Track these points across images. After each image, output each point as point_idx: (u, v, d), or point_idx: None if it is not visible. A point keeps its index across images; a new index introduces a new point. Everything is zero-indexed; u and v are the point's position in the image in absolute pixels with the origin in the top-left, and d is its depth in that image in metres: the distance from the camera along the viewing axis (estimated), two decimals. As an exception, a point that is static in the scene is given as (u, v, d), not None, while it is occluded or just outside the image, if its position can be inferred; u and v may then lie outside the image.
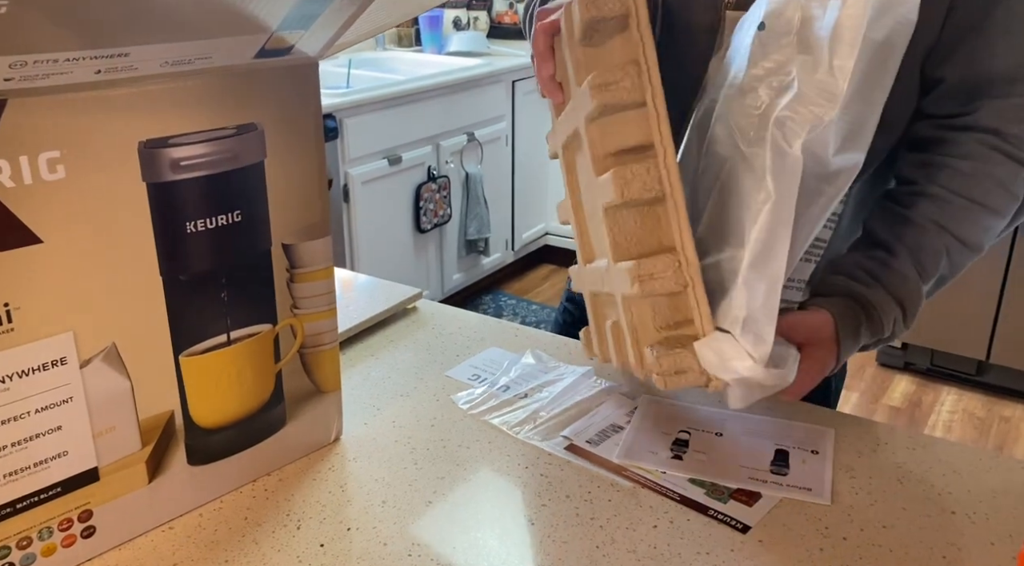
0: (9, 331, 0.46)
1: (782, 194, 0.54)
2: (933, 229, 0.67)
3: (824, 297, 0.66)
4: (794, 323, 0.62)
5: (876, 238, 0.68)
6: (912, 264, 0.66)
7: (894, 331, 0.67)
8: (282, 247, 0.58)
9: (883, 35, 0.56)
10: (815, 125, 0.54)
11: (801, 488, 0.62)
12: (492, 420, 0.70)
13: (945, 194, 0.67)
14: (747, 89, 0.59)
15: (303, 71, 0.56)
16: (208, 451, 0.57)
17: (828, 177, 0.57)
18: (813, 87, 0.55)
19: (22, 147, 0.44)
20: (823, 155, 0.56)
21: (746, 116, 0.59)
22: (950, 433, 2.23)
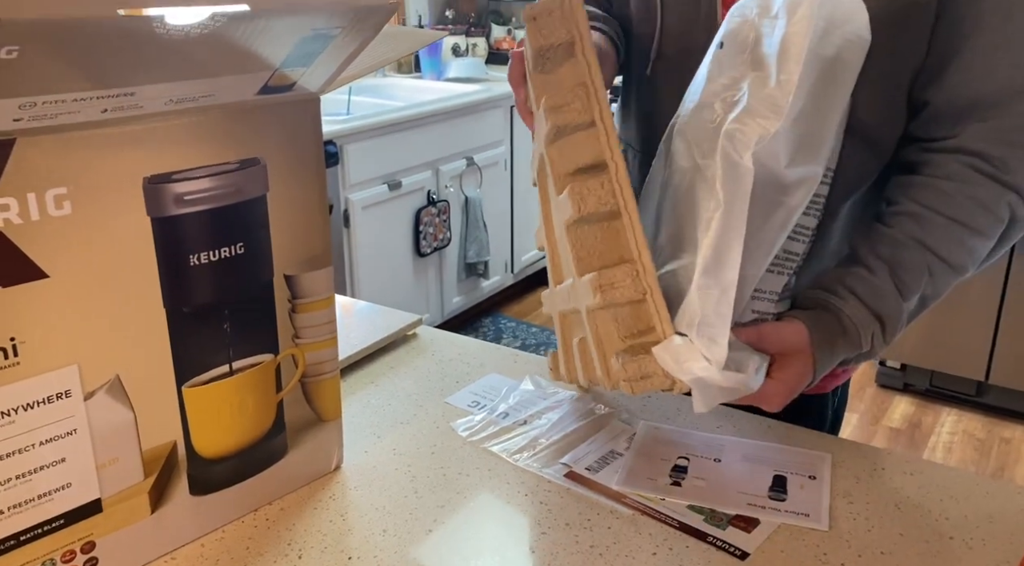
0: (15, 365, 0.47)
1: (731, 202, 0.56)
2: (913, 246, 0.67)
3: (801, 309, 0.67)
4: (765, 332, 0.63)
5: (856, 254, 0.69)
6: (891, 279, 0.67)
7: (874, 346, 0.67)
8: (284, 278, 0.58)
9: (833, 51, 0.58)
10: (762, 137, 0.56)
11: (799, 514, 0.62)
12: (492, 447, 0.70)
13: (925, 212, 0.68)
14: (704, 104, 0.61)
15: (305, 106, 0.57)
16: (210, 481, 0.58)
17: (785, 188, 0.58)
18: (761, 101, 0.57)
19: (30, 184, 0.45)
20: (774, 166, 0.57)
21: (702, 130, 0.60)
22: (950, 455, 2.22)
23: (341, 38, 0.51)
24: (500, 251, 3.02)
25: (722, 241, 0.56)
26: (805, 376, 0.64)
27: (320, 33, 0.50)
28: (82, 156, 0.47)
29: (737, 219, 0.55)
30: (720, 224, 0.56)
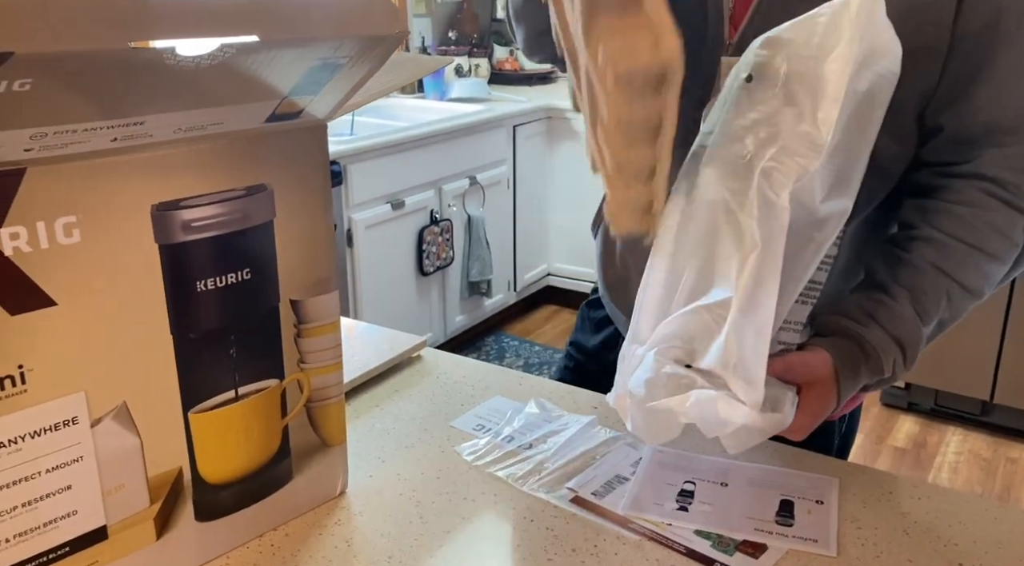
0: (22, 392, 0.47)
1: (768, 243, 0.56)
2: (932, 272, 0.68)
3: (822, 337, 0.67)
4: (792, 363, 0.63)
5: (875, 280, 0.69)
6: (911, 305, 0.67)
7: (895, 372, 0.67)
8: (290, 303, 0.59)
9: (866, 86, 0.58)
10: (801, 175, 0.56)
11: (807, 539, 0.61)
12: (497, 472, 0.70)
13: (944, 238, 0.68)
14: (734, 137, 0.61)
15: (312, 133, 0.57)
16: (215, 507, 0.58)
17: (817, 223, 0.58)
18: (797, 138, 0.57)
19: (39, 213, 0.46)
20: (810, 203, 0.57)
21: (732, 164, 0.60)
22: (956, 475, 2.21)
23: (349, 67, 0.52)
24: (503, 270, 3.03)
25: (758, 282, 0.56)
26: (830, 404, 0.65)
27: (328, 62, 0.51)
28: (91, 184, 0.47)
29: (773, 259, 0.55)
30: (756, 264, 0.56)
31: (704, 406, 0.56)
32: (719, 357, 0.57)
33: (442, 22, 3.51)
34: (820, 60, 0.57)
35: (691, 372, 0.59)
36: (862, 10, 0.56)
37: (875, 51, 0.58)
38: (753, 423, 0.55)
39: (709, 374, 0.58)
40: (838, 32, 0.56)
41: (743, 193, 0.58)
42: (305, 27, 0.47)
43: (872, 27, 0.57)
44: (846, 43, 0.56)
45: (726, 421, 0.55)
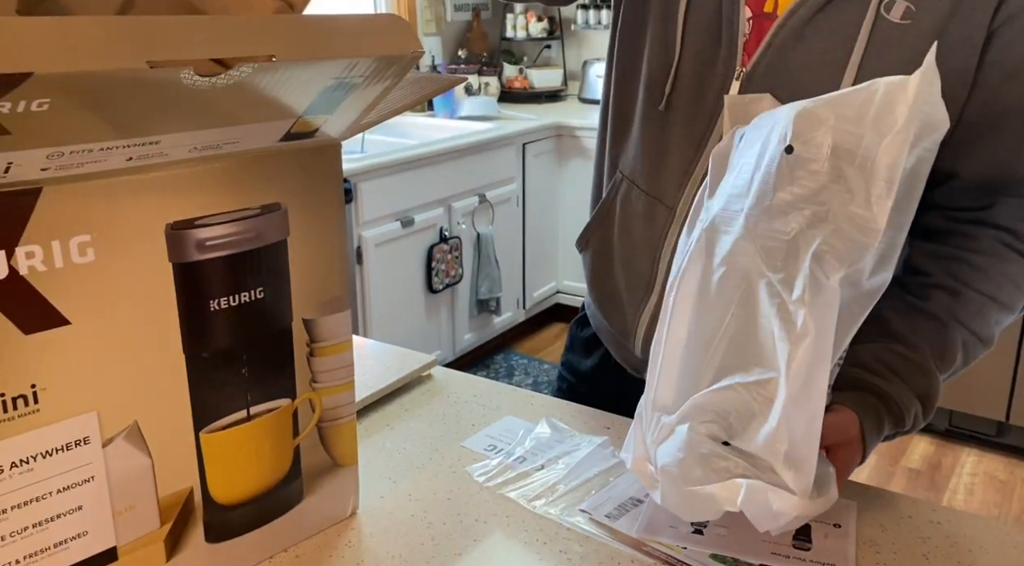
0: (35, 412, 0.47)
1: (821, 329, 0.54)
2: (951, 323, 0.67)
3: (844, 392, 0.66)
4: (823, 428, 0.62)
5: (891, 329, 0.68)
6: (931, 358, 0.66)
7: (914, 424, 0.67)
8: (303, 322, 0.58)
9: (913, 163, 0.56)
10: (855, 260, 0.55)
11: (825, 564, 0.60)
12: (509, 493, 0.69)
13: (961, 289, 0.67)
14: (775, 212, 0.58)
15: (326, 152, 0.57)
16: (226, 528, 0.57)
17: (861, 298, 0.57)
18: (850, 220, 0.55)
19: (55, 232, 0.46)
20: (858, 282, 0.56)
21: (773, 240, 0.58)
22: (972, 496, 2.18)
23: (364, 86, 0.52)
24: (512, 287, 3.03)
25: (811, 369, 0.55)
26: (857, 461, 0.64)
27: (343, 82, 0.51)
28: (106, 204, 0.47)
29: (825, 345, 0.54)
30: (809, 352, 0.54)
31: (755, 498, 0.55)
32: (767, 443, 0.56)
33: (452, 41, 3.54)
34: (872, 139, 0.55)
35: (729, 452, 0.58)
36: (921, 91, 0.54)
37: (926, 128, 0.56)
38: (804, 512, 0.55)
39: (749, 455, 0.57)
40: (893, 113, 0.54)
41: (789, 274, 0.56)
42: (321, 47, 0.47)
43: (928, 106, 0.55)
44: (903, 126, 0.54)
45: (779, 513, 0.54)
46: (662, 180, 0.80)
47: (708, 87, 0.74)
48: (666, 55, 0.77)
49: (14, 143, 0.41)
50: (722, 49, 0.73)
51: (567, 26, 3.68)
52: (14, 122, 0.39)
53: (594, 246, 0.90)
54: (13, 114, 0.38)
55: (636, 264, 0.84)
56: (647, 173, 0.82)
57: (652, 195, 0.81)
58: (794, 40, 0.69)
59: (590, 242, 0.90)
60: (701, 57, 0.75)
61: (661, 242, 0.81)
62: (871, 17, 0.66)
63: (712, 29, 0.74)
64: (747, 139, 0.65)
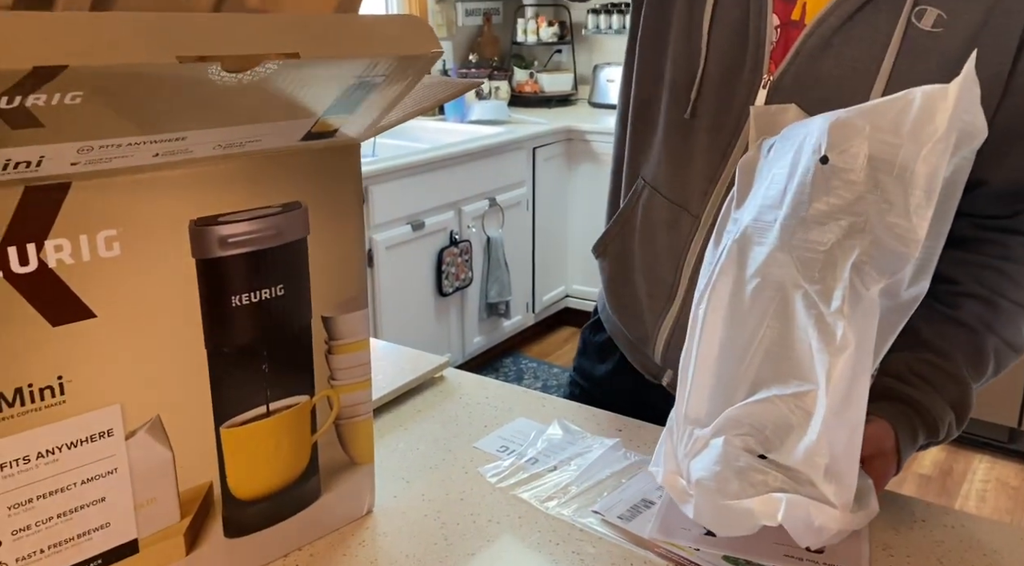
0: (61, 403, 0.47)
1: (861, 342, 0.54)
2: (982, 331, 0.67)
3: (878, 403, 0.65)
4: None
5: (923, 338, 0.68)
6: (963, 367, 0.66)
7: (948, 434, 0.67)
8: (322, 320, 0.59)
9: (950, 172, 0.56)
10: (895, 271, 0.54)
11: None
12: (521, 494, 0.70)
13: (993, 297, 0.67)
14: (811, 223, 0.58)
15: (346, 152, 0.58)
16: (244, 523, 0.58)
17: (899, 309, 0.57)
18: (889, 231, 0.55)
19: (83, 226, 0.47)
20: (897, 293, 0.56)
21: (810, 250, 0.58)
22: (984, 503, 2.17)
23: (384, 86, 0.53)
24: (521, 291, 3.03)
25: (852, 381, 0.54)
26: (892, 473, 0.64)
27: (365, 81, 0.51)
28: (132, 199, 0.48)
29: (865, 357, 0.54)
30: (850, 364, 0.54)
31: (796, 513, 0.54)
32: (807, 456, 0.56)
33: (463, 45, 3.56)
34: (910, 149, 0.55)
35: (766, 465, 0.58)
36: (961, 100, 0.53)
37: (965, 137, 0.56)
38: (846, 526, 0.54)
39: (787, 468, 0.57)
40: (932, 122, 0.54)
41: (826, 285, 0.56)
42: (344, 45, 0.48)
43: (967, 115, 0.55)
44: (943, 135, 0.53)
45: (821, 528, 0.54)
46: (687, 188, 0.79)
47: (734, 95, 0.74)
48: (690, 62, 0.76)
49: (47, 136, 0.41)
50: (748, 57, 0.73)
51: (578, 30, 3.69)
52: (48, 115, 0.40)
53: (613, 252, 0.89)
54: (48, 107, 0.39)
55: (658, 271, 0.83)
56: (671, 181, 0.81)
57: (676, 203, 0.80)
58: (823, 49, 0.69)
59: (608, 248, 0.90)
60: (727, 65, 0.74)
61: (685, 250, 0.80)
62: (902, 25, 0.65)
63: (738, 37, 0.73)
64: (777, 149, 0.64)
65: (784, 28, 0.71)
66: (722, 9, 0.74)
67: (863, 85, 0.67)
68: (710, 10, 0.74)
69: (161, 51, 0.41)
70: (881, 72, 0.66)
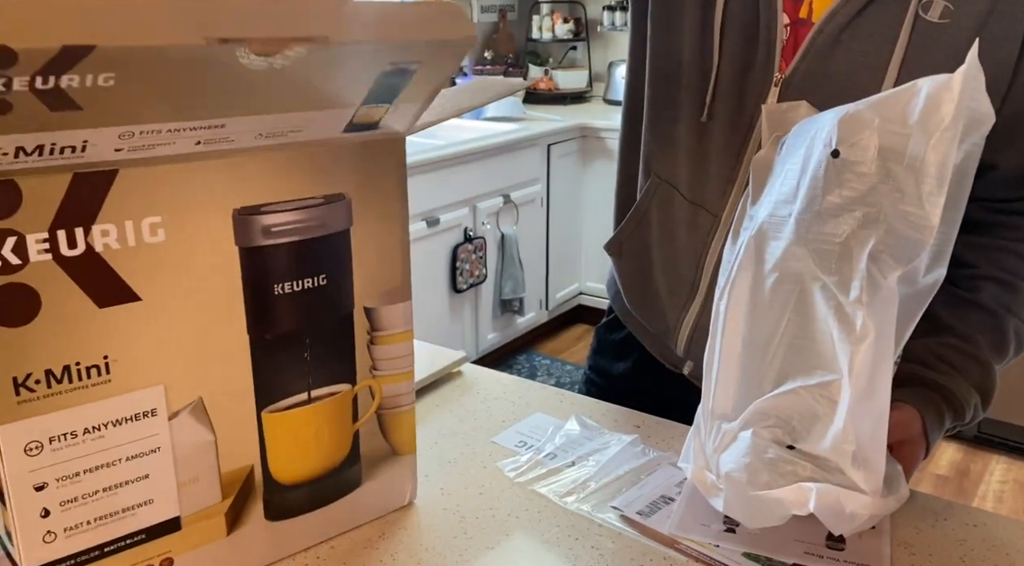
0: (107, 382, 0.49)
1: (881, 329, 0.55)
2: (1003, 313, 0.68)
3: (903, 388, 0.66)
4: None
5: (943, 323, 0.68)
6: (986, 349, 0.67)
7: (974, 416, 0.67)
8: (364, 310, 0.60)
9: (960, 160, 0.57)
10: (911, 258, 0.55)
11: (860, 565, 0.61)
12: (540, 489, 0.70)
13: (1010, 278, 0.68)
14: (825, 216, 0.58)
15: (390, 146, 0.59)
16: (285, 507, 0.59)
17: (917, 295, 0.58)
18: (902, 220, 0.55)
19: (128, 213, 0.48)
20: (915, 280, 0.56)
21: (826, 243, 0.58)
22: (1001, 504, 2.16)
23: (421, 73, 0.53)
24: (535, 288, 3.04)
25: (874, 369, 0.55)
26: (921, 456, 0.65)
27: (399, 67, 0.52)
28: (177, 187, 0.49)
29: (887, 344, 0.55)
30: (872, 352, 0.55)
31: (827, 501, 0.55)
32: (834, 444, 0.56)
33: (478, 42, 3.56)
34: (919, 138, 0.55)
35: (795, 455, 0.58)
36: (966, 88, 0.54)
37: (973, 124, 0.56)
38: (878, 511, 0.55)
39: (816, 457, 0.58)
40: (939, 111, 0.54)
41: (844, 276, 0.57)
42: (375, 29, 0.48)
43: (973, 102, 0.55)
44: (950, 124, 0.54)
45: (853, 515, 0.55)
46: (705, 188, 0.80)
47: (747, 95, 0.75)
48: (703, 63, 0.77)
49: (87, 120, 0.42)
50: (760, 56, 0.73)
51: (593, 27, 3.69)
52: (84, 97, 0.41)
53: (629, 250, 0.89)
54: (83, 88, 0.40)
55: (679, 269, 0.84)
56: (689, 180, 0.82)
57: (695, 202, 0.81)
58: (832, 45, 0.70)
59: (624, 247, 0.90)
60: (739, 64, 0.75)
61: (705, 248, 0.81)
62: (910, 18, 0.66)
63: (749, 36, 0.74)
64: (789, 146, 0.65)
65: (793, 26, 0.72)
66: (733, 10, 0.74)
67: (874, 79, 0.68)
68: (720, 11, 0.75)
69: (188, 32, 0.41)
70: (891, 66, 0.67)
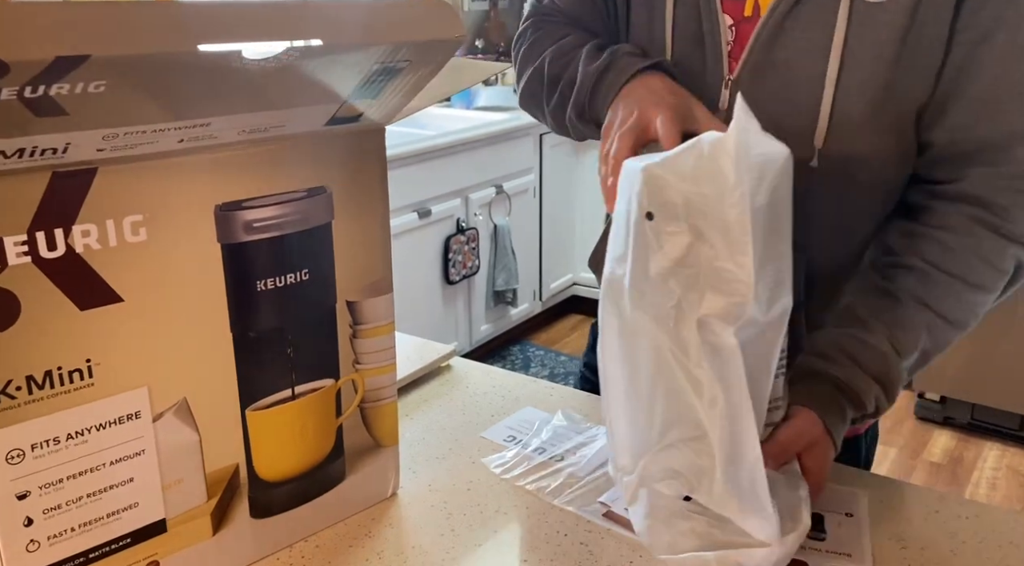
0: (89, 386, 0.48)
1: (730, 389, 0.54)
2: (913, 305, 0.66)
3: (801, 384, 0.65)
4: (786, 440, 0.61)
5: (854, 314, 0.67)
6: (888, 340, 0.65)
7: (878, 407, 0.66)
8: (347, 304, 0.59)
9: (767, 198, 0.54)
10: (738, 316, 0.53)
11: (841, 554, 0.61)
12: (527, 485, 0.69)
13: (927, 268, 0.66)
14: (655, 281, 0.56)
15: (371, 137, 0.58)
16: (270, 504, 0.58)
17: (767, 329, 0.56)
18: (718, 277, 0.54)
19: (109, 211, 0.47)
20: (756, 320, 0.54)
21: (660, 308, 0.56)
22: (994, 491, 2.17)
23: (409, 70, 0.53)
24: (528, 279, 3.03)
25: (734, 427, 0.54)
26: (831, 454, 0.64)
27: (388, 66, 0.51)
28: (158, 185, 0.49)
29: (740, 400, 0.54)
30: (725, 413, 0.54)
31: (729, 562, 0.56)
32: (720, 501, 0.56)
33: (469, 31, 3.54)
34: (712, 197, 0.53)
35: (692, 509, 0.58)
36: (741, 143, 0.52)
37: (767, 165, 0.54)
38: (783, 554, 0.55)
39: (709, 510, 0.58)
40: (722, 170, 0.52)
41: (681, 340, 0.55)
42: (366, 31, 0.48)
43: (755, 149, 0.53)
44: (735, 182, 0.52)
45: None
46: None
47: (701, 99, 0.73)
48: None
49: (72, 124, 0.42)
50: (708, 60, 0.73)
51: (586, 18, 3.67)
52: (72, 103, 0.40)
53: None
54: (72, 95, 0.39)
55: None
56: None
57: None
58: (775, 36, 0.69)
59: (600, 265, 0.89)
60: (690, 69, 0.74)
61: None
62: (847, 1, 0.65)
63: (696, 43, 0.73)
64: (620, 188, 0.60)
65: (739, 26, 0.72)
66: (680, 19, 0.74)
67: (817, 64, 0.67)
68: (670, 20, 0.74)
69: (183, 40, 0.41)
70: (833, 49, 0.66)
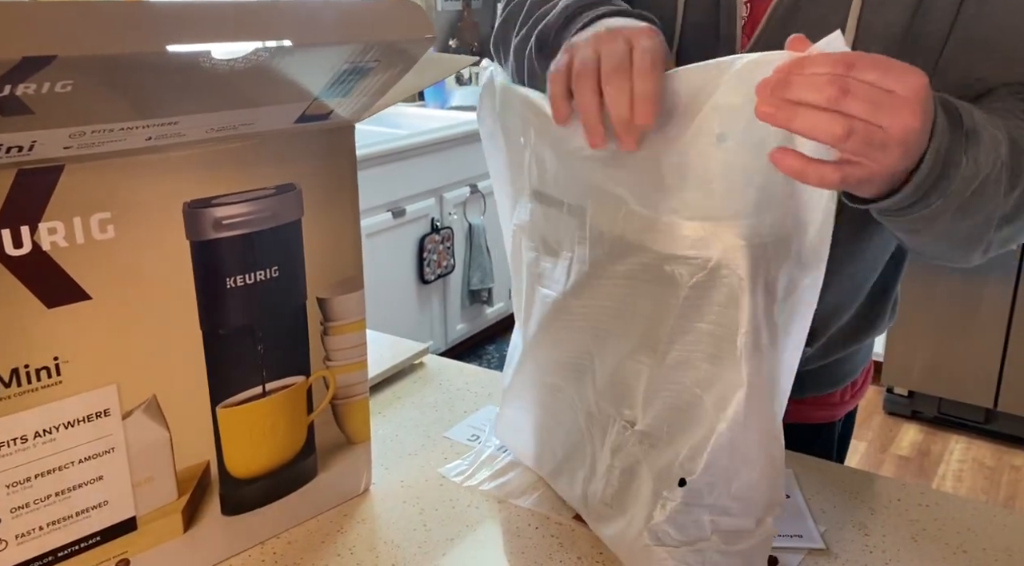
0: (57, 384, 0.48)
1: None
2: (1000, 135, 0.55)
3: None
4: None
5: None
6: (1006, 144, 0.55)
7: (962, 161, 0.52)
8: (317, 301, 0.59)
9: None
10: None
11: (792, 536, 0.62)
12: (491, 490, 0.68)
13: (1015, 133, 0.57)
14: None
15: (340, 133, 0.58)
16: (242, 501, 0.58)
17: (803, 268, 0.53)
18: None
19: (76, 209, 0.47)
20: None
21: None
22: (960, 483, 2.22)
23: (379, 70, 0.53)
24: (504, 278, 3.04)
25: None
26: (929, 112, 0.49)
27: (357, 66, 0.52)
28: (126, 182, 0.48)
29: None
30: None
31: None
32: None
33: (443, 30, 3.54)
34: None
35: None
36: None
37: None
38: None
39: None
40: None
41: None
42: (336, 32, 0.48)
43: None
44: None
45: None
46: None
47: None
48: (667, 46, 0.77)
49: (38, 123, 0.41)
50: (721, 35, 0.73)
51: (560, 19, 3.68)
52: (38, 103, 0.40)
53: None
54: (38, 95, 0.39)
55: None
56: None
57: None
58: (792, 12, 0.69)
59: None
60: (702, 46, 0.74)
61: None
62: None
63: (709, 16, 0.74)
64: None
65: (753, 2, 0.72)
66: None
67: None
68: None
69: (151, 40, 0.40)
70: (848, 26, 0.67)
